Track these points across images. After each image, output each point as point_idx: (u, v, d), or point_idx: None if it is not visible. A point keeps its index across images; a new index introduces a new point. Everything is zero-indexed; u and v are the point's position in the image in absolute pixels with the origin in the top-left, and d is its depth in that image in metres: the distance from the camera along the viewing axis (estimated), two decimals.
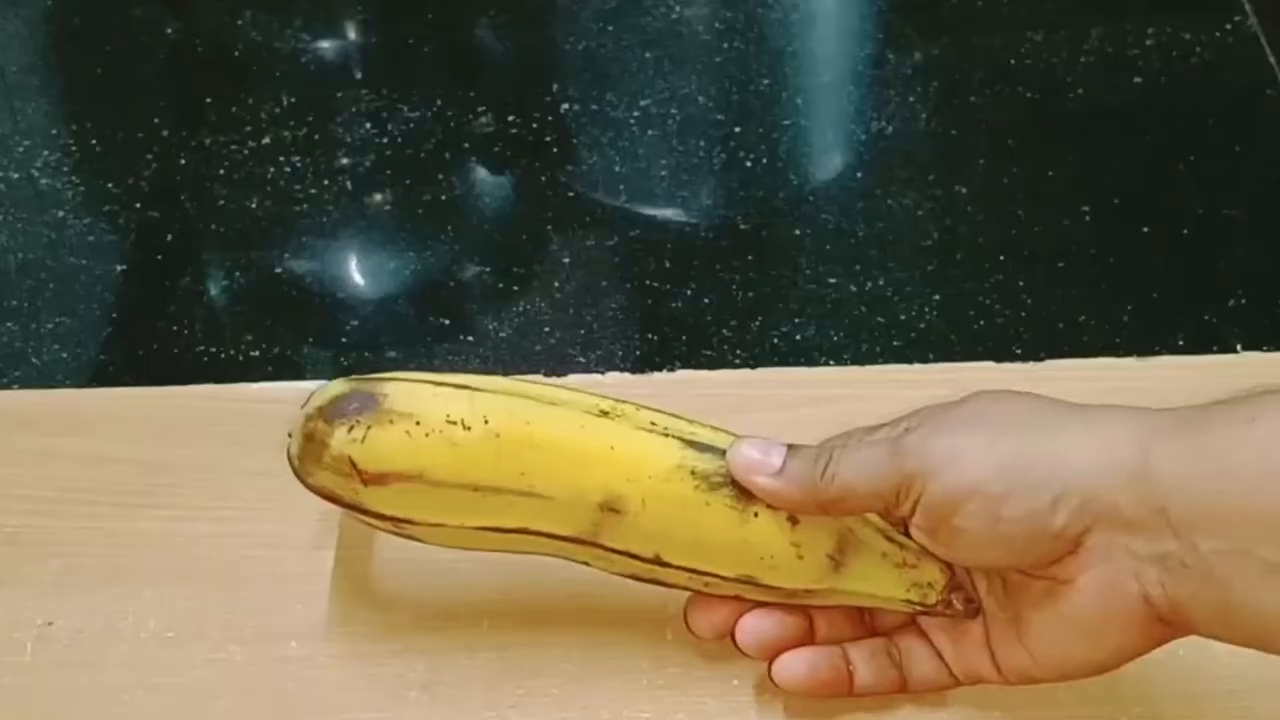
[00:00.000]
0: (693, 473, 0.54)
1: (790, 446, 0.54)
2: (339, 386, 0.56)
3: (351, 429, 0.54)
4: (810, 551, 0.54)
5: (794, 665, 0.55)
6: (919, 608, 0.55)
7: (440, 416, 0.54)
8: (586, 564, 0.57)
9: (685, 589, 0.56)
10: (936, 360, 0.74)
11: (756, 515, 0.54)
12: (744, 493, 0.54)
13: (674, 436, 0.55)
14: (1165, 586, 0.49)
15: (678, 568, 0.55)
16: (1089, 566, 0.50)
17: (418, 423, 0.54)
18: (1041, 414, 0.52)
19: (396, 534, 0.57)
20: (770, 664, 0.55)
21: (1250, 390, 0.48)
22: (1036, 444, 0.51)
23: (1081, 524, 0.50)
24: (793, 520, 0.54)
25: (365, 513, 0.56)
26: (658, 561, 0.55)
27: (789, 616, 0.55)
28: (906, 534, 0.54)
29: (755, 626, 0.55)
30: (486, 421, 0.54)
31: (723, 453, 0.54)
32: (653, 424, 0.55)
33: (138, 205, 0.83)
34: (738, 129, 0.87)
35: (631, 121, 0.88)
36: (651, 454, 0.54)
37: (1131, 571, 0.49)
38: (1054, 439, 0.51)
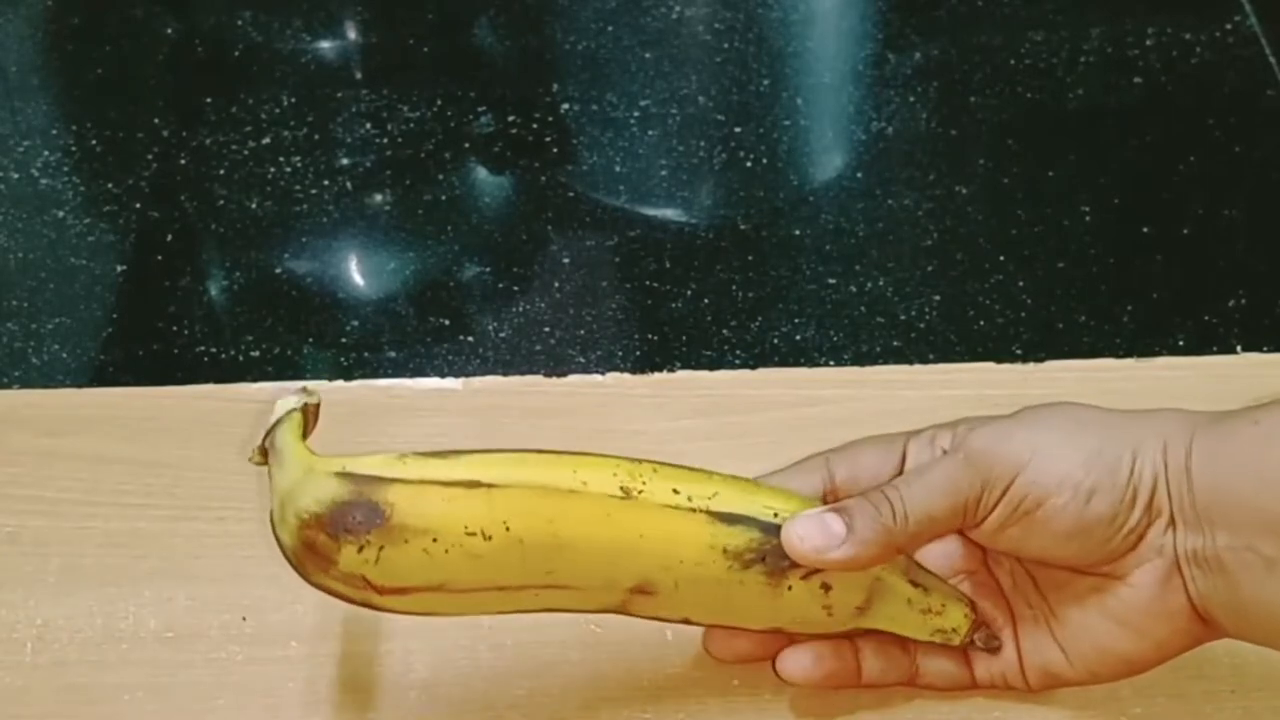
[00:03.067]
0: (724, 552, 0.52)
1: (836, 509, 0.52)
2: (333, 488, 0.51)
3: (362, 549, 0.50)
4: (840, 610, 0.54)
5: (799, 657, 0.55)
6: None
7: (458, 529, 0.50)
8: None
9: None
10: (936, 360, 0.74)
11: (790, 589, 0.53)
12: (776, 569, 0.52)
13: (700, 510, 0.52)
14: (1196, 581, 0.50)
15: (707, 624, 0.56)
16: (1143, 561, 0.51)
17: (435, 540, 0.50)
18: (1104, 415, 0.52)
19: None
20: (774, 659, 0.55)
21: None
22: (1115, 440, 0.51)
23: (1147, 520, 0.51)
24: (825, 587, 0.53)
25: (380, 609, 0.53)
26: (687, 622, 0.55)
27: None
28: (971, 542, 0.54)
29: (796, 661, 0.55)
30: (508, 528, 0.51)
31: (752, 521, 0.52)
32: (675, 492, 0.52)
33: (138, 205, 0.83)
34: (738, 129, 0.87)
35: (631, 121, 0.88)
36: (681, 537, 0.52)
37: (1175, 565, 0.51)
38: (1126, 436, 0.51)
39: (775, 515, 0.53)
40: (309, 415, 0.54)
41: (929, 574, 0.55)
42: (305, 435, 0.53)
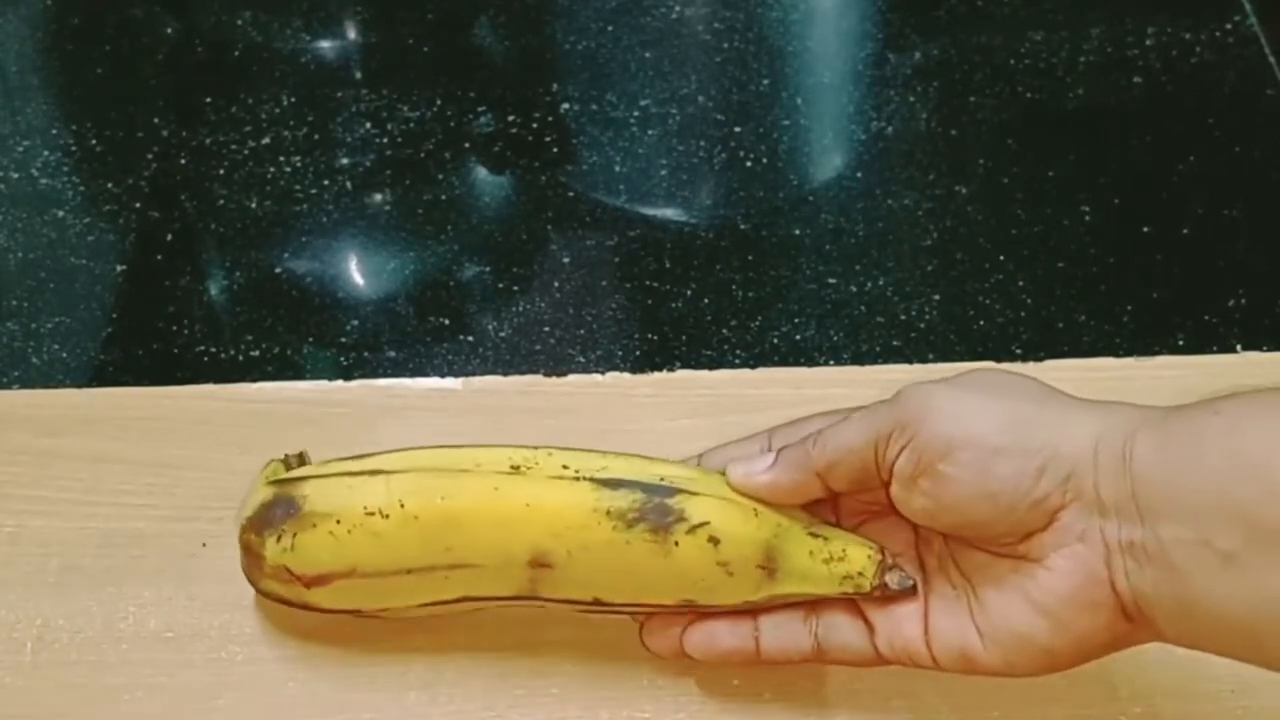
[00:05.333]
0: (608, 513, 0.54)
1: (778, 437, 0.56)
2: (264, 493, 0.58)
3: (280, 538, 0.56)
4: (739, 567, 0.55)
5: (698, 636, 0.56)
6: (858, 597, 0.55)
7: (358, 511, 0.56)
8: (541, 607, 0.57)
9: (638, 617, 0.57)
10: (936, 360, 0.74)
11: (677, 545, 0.54)
12: (659, 525, 0.54)
13: (585, 479, 0.55)
14: (1130, 576, 0.49)
15: (619, 606, 0.56)
16: (1061, 545, 0.50)
17: (338, 521, 0.56)
18: (1047, 391, 0.53)
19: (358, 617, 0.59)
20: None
21: (1235, 389, 0.49)
22: (1041, 412, 0.51)
23: (1062, 498, 0.50)
24: (713, 540, 0.54)
25: (317, 610, 0.58)
26: (598, 604, 0.56)
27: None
28: (888, 496, 0.54)
29: (696, 638, 0.56)
30: (403, 505, 0.55)
31: (634, 484, 0.55)
32: (564, 467, 0.56)
33: (138, 205, 0.84)
34: (738, 129, 0.87)
35: (631, 121, 0.88)
36: (566, 504, 0.55)
37: (1103, 557, 0.49)
38: (1057, 412, 0.51)
39: (661, 480, 0.55)
40: (290, 463, 0.60)
41: (830, 526, 0.56)
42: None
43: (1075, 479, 0.50)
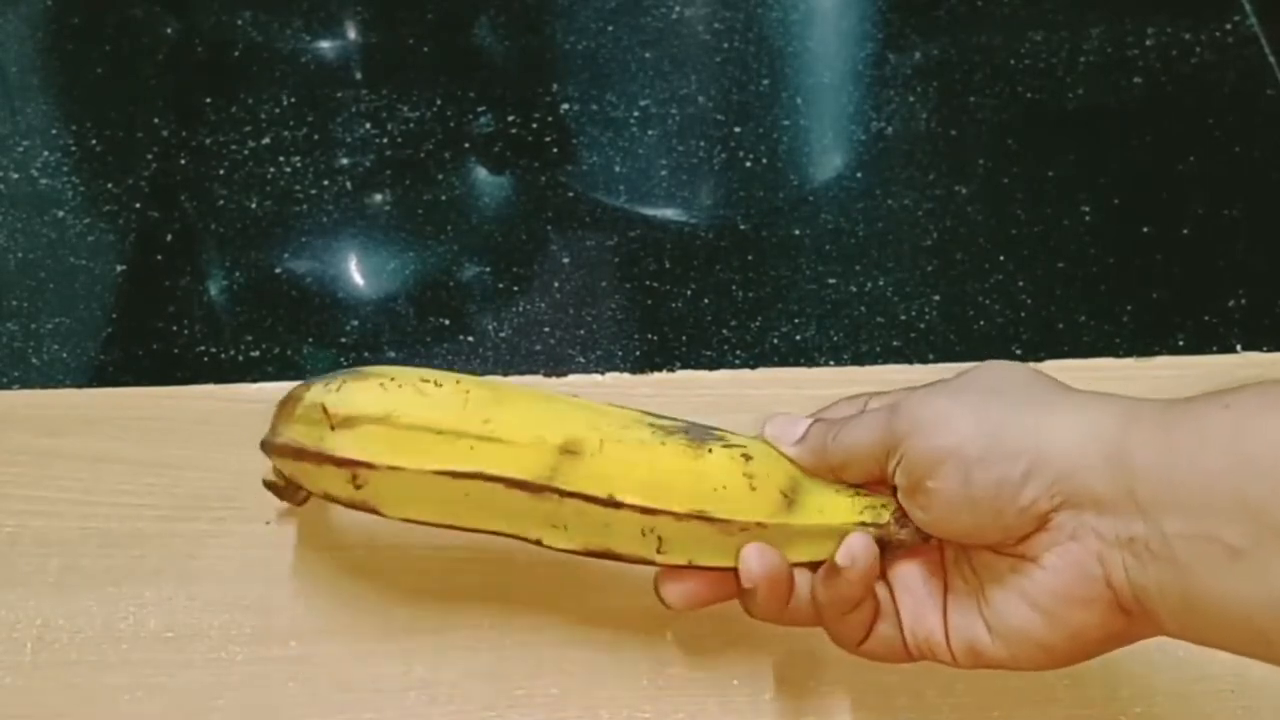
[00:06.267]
0: (650, 425, 0.56)
1: (818, 420, 0.57)
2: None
3: (329, 384, 0.58)
4: (763, 484, 0.55)
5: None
6: (874, 529, 0.54)
7: (415, 376, 0.57)
8: (539, 541, 0.56)
9: (638, 559, 0.56)
10: (936, 360, 0.74)
11: (710, 452, 0.55)
12: (698, 439, 0.56)
13: (636, 411, 0.57)
14: (1129, 571, 0.49)
15: (630, 507, 0.55)
16: (1055, 544, 0.50)
17: (393, 378, 0.57)
18: (1034, 389, 0.52)
19: (353, 503, 0.57)
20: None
21: (1240, 383, 0.49)
22: (1020, 415, 0.51)
23: (1050, 501, 0.50)
24: (746, 456, 0.55)
25: (327, 459, 0.57)
26: (611, 502, 0.55)
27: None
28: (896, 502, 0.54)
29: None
30: (458, 383, 0.57)
31: (681, 423, 0.57)
32: (617, 406, 0.58)
33: (138, 205, 0.84)
34: (738, 129, 0.87)
35: (631, 121, 0.88)
36: (612, 414, 0.57)
37: (1096, 554, 0.49)
38: (1039, 413, 0.51)
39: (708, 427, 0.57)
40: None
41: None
42: None
43: (1063, 480, 0.49)
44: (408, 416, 0.56)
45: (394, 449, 0.56)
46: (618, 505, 0.55)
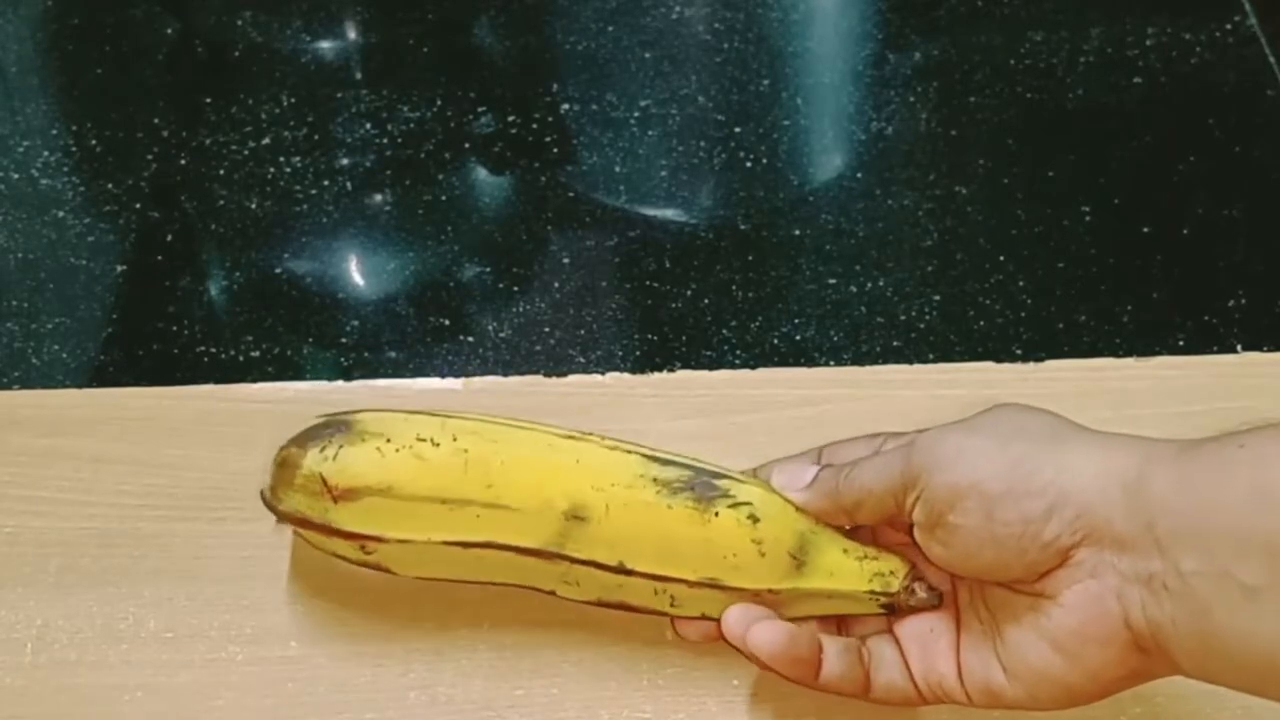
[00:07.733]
0: (655, 480, 0.55)
1: (815, 466, 0.57)
2: (316, 421, 0.58)
3: (324, 449, 0.56)
4: (772, 549, 0.55)
5: (772, 633, 0.55)
6: (883, 599, 0.55)
7: (411, 435, 0.56)
8: (552, 593, 0.57)
9: (652, 611, 0.57)
10: (936, 360, 0.74)
11: (717, 515, 0.55)
12: (704, 496, 0.55)
13: (636, 454, 0.56)
14: (1146, 609, 0.49)
15: (642, 575, 0.56)
16: (1074, 581, 0.50)
17: (388, 440, 0.56)
18: (1055, 429, 0.53)
19: (364, 563, 0.58)
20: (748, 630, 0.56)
21: (1254, 424, 0.49)
22: (1041, 452, 0.51)
23: (1072, 537, 0.50)
24: (753, 518, 0.55)
25: (334, 533, 0.57)
26: (622, 570, 0.56)
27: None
28: (912, 541, 0.54)
29: (766, 633, 0.55)
30: (455, 439, 0.56)
31: (684, 466, 0.56)
32: (617, 444, 0.57)
33: (138, 205, 0.83)
34: (738, 129, 0.87)
35: (631, 121, 0.88)
36: (615, 465, 0.56)
37: (1115, 591, 0.49)
38: (1059, 450, 0.51)
39: (708, 466, 0.56)
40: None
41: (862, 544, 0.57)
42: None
43: (1084, 516, 0.50)
44: (410, 486, 0.56)
45: (400, 522, 0.56)
46: (629, 573, 0.56)
